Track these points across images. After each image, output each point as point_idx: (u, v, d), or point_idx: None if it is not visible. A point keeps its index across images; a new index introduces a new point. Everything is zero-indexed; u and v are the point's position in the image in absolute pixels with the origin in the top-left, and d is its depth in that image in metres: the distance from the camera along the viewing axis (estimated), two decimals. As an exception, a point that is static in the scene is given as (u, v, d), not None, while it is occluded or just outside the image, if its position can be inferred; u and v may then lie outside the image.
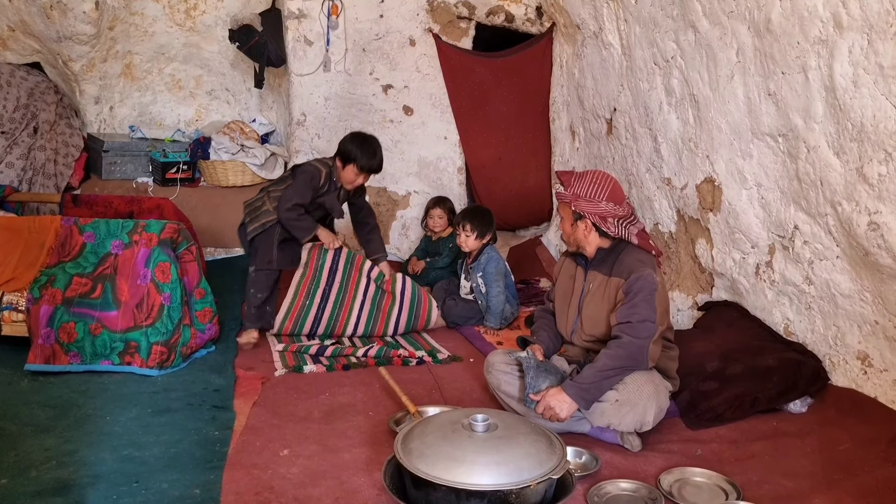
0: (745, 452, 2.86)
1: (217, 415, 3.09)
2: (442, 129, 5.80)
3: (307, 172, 4.08)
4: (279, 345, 3.89)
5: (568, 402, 2.77)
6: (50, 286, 3.52)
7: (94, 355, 3.48)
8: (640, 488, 2.56)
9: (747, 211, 3.55)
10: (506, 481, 2.19)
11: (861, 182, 2.86)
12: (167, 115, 6.14)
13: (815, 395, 3.20)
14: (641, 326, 2.78)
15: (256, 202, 4.15)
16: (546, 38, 5.46)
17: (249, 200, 4.20)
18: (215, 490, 2.49)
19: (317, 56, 5.48)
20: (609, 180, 2.95)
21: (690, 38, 3.72)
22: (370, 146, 4.13)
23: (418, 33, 5.63)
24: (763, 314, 3.56)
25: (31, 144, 5.36)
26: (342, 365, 3.67)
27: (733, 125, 3.53)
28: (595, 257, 3.01)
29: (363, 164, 4.10)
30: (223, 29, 5.77)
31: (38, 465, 2.62)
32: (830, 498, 2.50)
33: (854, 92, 2.81)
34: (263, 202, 4.10)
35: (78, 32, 5.23)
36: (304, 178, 4.07)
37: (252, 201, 4.19)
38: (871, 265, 2.93)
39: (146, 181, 5.56)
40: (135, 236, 3.61)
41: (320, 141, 5.63)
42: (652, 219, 4.35)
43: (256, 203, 4.14)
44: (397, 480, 2.37)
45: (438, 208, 5.17)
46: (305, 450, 2.80)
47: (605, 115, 4.77)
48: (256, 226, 4.04)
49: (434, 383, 3.51)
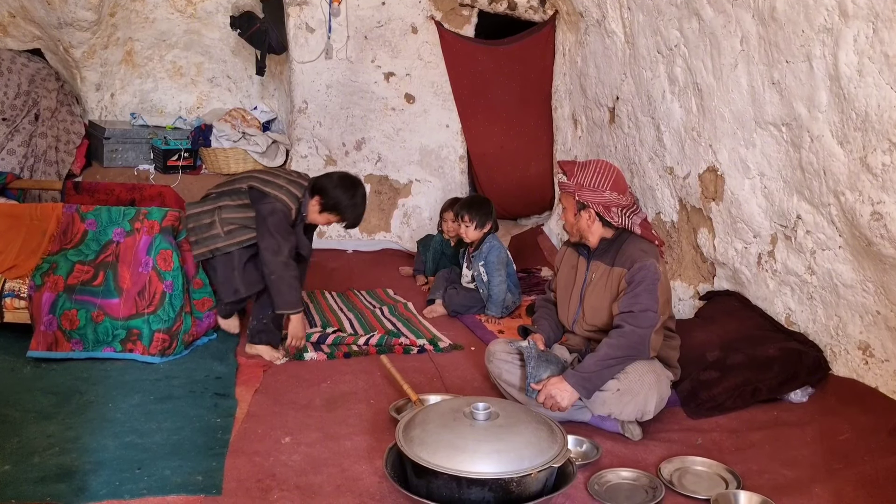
0: (746, 442, 2.87)
1: (219, 402, 3.10)
2: (444, 117, 5.79)
3: (278, 213, 3.46)
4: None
5: (569, 392, 2.77)
6: (52, 273, 3.52)
7: (96, 342, 3.48)
8: (640, 477, 2.57)
9: (749, 200, 3.54)
10: (507, 469, 2.19)
11: (864, 172, 2.86)
12: (168, 103, 6.13)
13: (816, 384, 3.20)
14: (643, 316, 2.78)
15: (203, 217, 3.52)
16: (549, 26, 5.43)
17: (193, 211, 3.56)
18: (217, 477, 2.49)
19: (318, 43, 5.46)
20: (612, 170, 2.94)
21: (694, 26, 3.70)
22: (358, 200, 3.62)
23: (420, 21, 5.60)
24: (764, 304, 3.56)
25: (33, 131, 5.35)
26: (343, 353, 3.68)
27: (736, 114, 3.52)
28: (598, 247, 3.01)
29: (346, 218, 3.63)
30: (224, 16, 5.76)
31: (40, 451, 2.63)
32: (830, 487, 2.51)
33: (859, 81, 2.80)
34: (213, 223, 3.49)
35: (79, 19, 5.21)
36: (278, 222, 3.45)
37: (196, 214, 3.54)
38: (873, 255, 2.93)
39: (147, 168, 5.55)
40: (136, 224, 3.61)
41: (322, 128, 5.62)
42: (654, 208, 4.34)
43: (203, 218, 3.51)
44: (398, 468, 2.37)
45: (451, 211, 4.87)
46: (307, 437, 2.81)
47: (607, 104, 4.75)
48: (203, 251, 3.50)
49: (435, 371, 3.51)
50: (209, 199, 3.61)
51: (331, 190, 3.60)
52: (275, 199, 3.48)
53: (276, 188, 3.52)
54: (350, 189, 3.62)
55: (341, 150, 5.69)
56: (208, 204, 3.57)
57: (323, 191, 3.60)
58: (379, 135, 5.72)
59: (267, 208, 3.46)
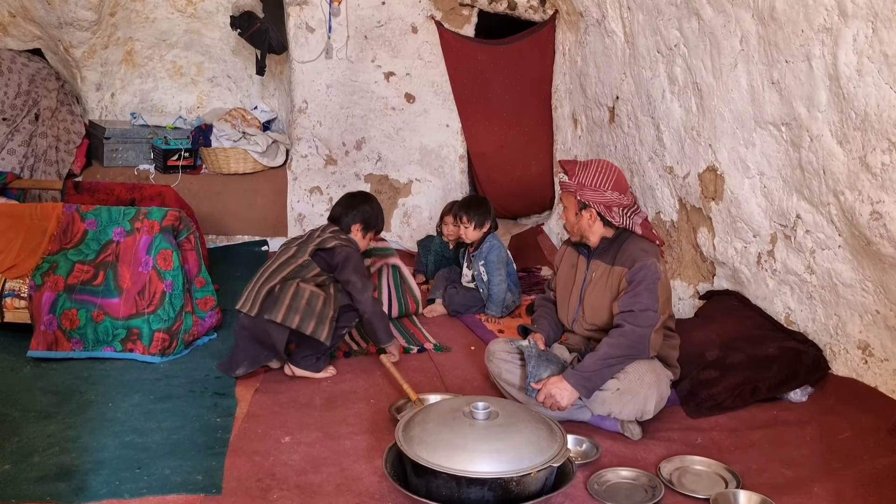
0: (745, 441, 2.87)
1: (219, 401, 3.10)
2: (444, 116, 5.78)
3: (353, 256, 3.47)
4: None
5: (569, 391, 2.77)
6: (52, 273, 3.53)
7: (97, 342, 3.49)
8: (640, 476, 2.57)
9: (749, 200, 3.54)
10: (506, 469, 2.19)
11: (864, 171, 2.86)
12: (168, 102, 6.13)
13: (816, 384, 3.20)
14: (643, 315, 2.78)
15: (313, 298, 3.28)
16: (549, 26, 5.43)
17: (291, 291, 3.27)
18: (217, 476, 2.50)
19: (318, 43, 5.46)
20: (613, 170, 2.94)
21: (694, 26, 3.70)
22: (378, 207, 3.71)
23: (420, 20, 5.60)
24: (764, 303, 3.56)
25: (33, 131, 5.35)
26: (343, 352, 3.68)
27: (736, 114, 3.52)
28: (598, 246, 3.01)
29: (380, 228, 3.73)
30: (224, 15, 5.75)
31: (40, 450, 2.63)
32: (830, 486, 2.51)
33: (858, 80, 2.80)
34: (317, 296, 3.30)
35: (79, 18, 5.21)
36: (357, 263, 3.47)
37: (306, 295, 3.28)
38: (872, 255, 2.93)
39: (148, 168, 5.55)
40: (136, 223, 3.61)
41: (322, 128, 5.62)
42: (654, 207, 4.34)
43: (313, 299, 3.28)
44: (398, 467, 2.38)
45: (451, 214, 4.77)
46: (307, 437, 2.81)
47: (607, 104, 4.76)
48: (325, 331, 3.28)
49: (435, 371, 3.51)
50: (284, 293, 3.30)
51: (367, 212, 3.62)
52: (346, 245, 3.48)
53: (332, 240, 3.48)
54: (375, 204, 3.69)
55: (341, 150, 5.69)
56: (299, 280, 3.33)
57: (354, 220, 3.59)
58: (379, 134, 5.72)
59: (341, 255, 3.44)
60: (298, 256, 3.42)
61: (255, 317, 3.25)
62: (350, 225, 3.58)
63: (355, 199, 3.70)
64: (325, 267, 3.43)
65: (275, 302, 3.25)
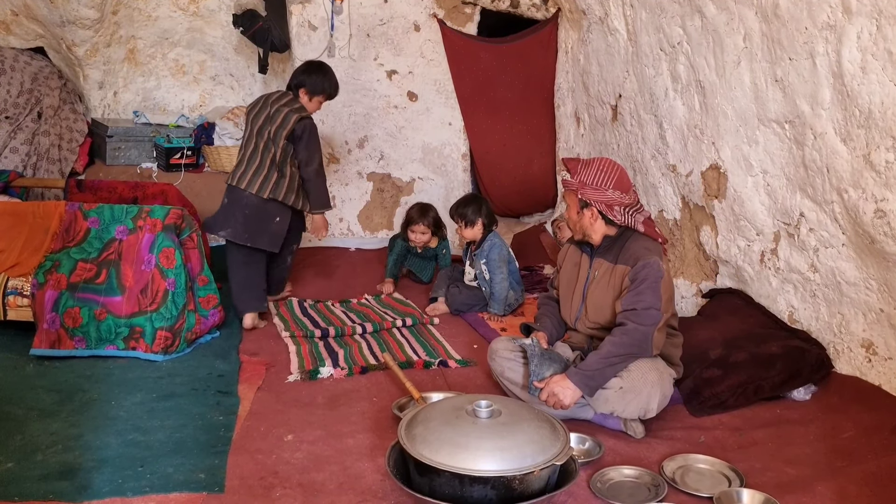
0: (749, 440, 2.87)
1: (221, 400, 3.10)
2: (446, 115, 5.78)
3: (309, 127, 4.01)
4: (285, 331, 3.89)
5: (572, 389, 2.77)
6: (55, 271, 3.53)
7: (99, 340, 3.49)
8: (643, 475, 2.56)
9: (752, 198, 3.53)
10: (509, 467, 2.19)
11: (868, 169, 2.85)
12: (171, 101, 6.14)
13: (819, 382, 3.20)
14: (646, 314, 2.78)
15: (281, 169, 3.98)
16: (551, 24, 5.42)
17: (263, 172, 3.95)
18: (219, 474, 2.50)
19: (321, 41, 5.45)
20: (616, 168, 2.93)
21: (697, 24, 3.69)
22: (330, 73, 4.16)
23: (423, 18, 5.59)
24: (767, 302, 3.56)
25: (36, 130, 5.36)
26: (360, 368, 3.44)
27: (739, 111, 3.51)
28: (601, 245, 3.01)
29: (330, 94, 4.16)
30: (227, 14, 5.75)
31: (43, 448, 2.63)
32: (833, 485, 2.50)
33: (862, 78, 2.79)
34: (285, 166, 4.00)
35: (81, 17, 5.21)
36: (311, 136, 4.02)
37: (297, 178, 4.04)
38: (876, 253, 2.92)
39: (150, 167, 5.55)
40: (139, 222, 3.61)
41: (324, 126, 5.61)
42: (657, 206, 4.33)
43: (282, 171, 3.99)
44: (401, 466, 2.38)
45: (421, 224, 4.69)
46: (309, 435, 2.81)
47: (610, 102, 4.75)
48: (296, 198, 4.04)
49: (437, 369, 3.51)
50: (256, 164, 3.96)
51: (308, 77, 4.08)
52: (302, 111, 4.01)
53: (291, 115, 3.95)
54: (318, 68, 4.16)
55: (344, 148, 5.69)
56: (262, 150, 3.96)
57: (301, 84, 4.08)
58: (381, 133, 5.72)
59: (300, 128, 3.96)
60: (277, 141, 3.92)
61: (266, 199, 3.90)
62: (298, 89, 4.08)
63: (308, 68, 4.17)
64: (291, 140, 3.98)
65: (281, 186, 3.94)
